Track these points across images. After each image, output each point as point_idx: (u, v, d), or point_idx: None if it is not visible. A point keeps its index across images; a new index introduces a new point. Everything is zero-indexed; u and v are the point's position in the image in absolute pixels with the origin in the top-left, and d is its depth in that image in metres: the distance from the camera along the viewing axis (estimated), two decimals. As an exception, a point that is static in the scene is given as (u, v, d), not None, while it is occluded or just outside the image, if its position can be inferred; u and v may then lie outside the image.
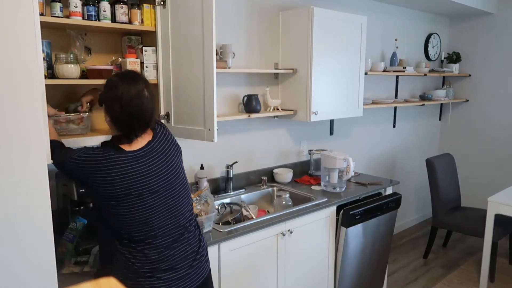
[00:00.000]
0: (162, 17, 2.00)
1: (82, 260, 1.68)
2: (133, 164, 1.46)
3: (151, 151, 1.52)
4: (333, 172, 2.73)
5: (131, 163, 1.46)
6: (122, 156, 1.45)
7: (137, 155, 1.48)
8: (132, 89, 1.47)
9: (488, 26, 4.28)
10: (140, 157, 1.48)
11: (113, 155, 1.44)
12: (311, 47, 2.68)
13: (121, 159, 1.45)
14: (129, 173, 1.44)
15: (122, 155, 1.45)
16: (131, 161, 1.46)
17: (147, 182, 1.47)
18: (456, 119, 4.64)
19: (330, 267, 2.61)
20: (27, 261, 1.29)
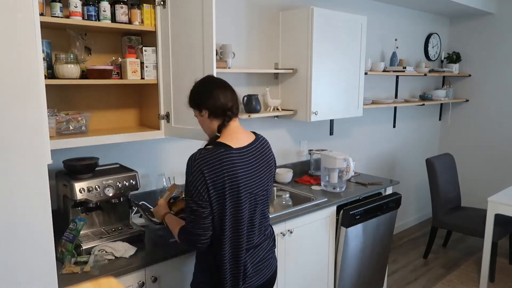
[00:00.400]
0: (162, 17, 2.00)
1: (82, 260, 1.68)
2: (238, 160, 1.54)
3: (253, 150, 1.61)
4: (333, 172, 2.72)
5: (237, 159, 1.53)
6: (232, 152, 1.52)
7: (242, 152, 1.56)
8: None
9: (488, 26, 4.28)
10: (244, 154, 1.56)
11: (223, 152, 1.51)
12: (311, 47, 2.68)
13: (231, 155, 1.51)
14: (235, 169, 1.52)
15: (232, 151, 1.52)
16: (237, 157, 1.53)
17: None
18: (456, 119, 4.64)
19: (330, 267, 2.61)
20: (27, 261, 1.29)
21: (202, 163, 1.47)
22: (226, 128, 1.58)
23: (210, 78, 1.69)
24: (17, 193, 1.25)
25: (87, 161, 1.92)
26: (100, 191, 1.84)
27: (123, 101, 2.20)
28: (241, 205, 1.53)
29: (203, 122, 1.63)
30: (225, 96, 1.57)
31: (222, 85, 1.62)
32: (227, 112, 1.57)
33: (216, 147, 1.52)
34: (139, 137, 2.02)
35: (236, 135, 1.60)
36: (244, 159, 1.56)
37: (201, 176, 1.47)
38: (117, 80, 1.98)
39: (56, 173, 1.94)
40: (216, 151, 1.50)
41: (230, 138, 1.57)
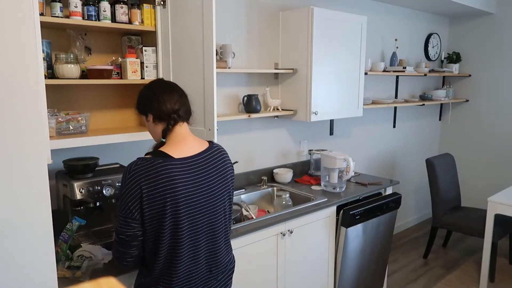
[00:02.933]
0: (162, 17, 2.00)
1: (75, 265, 1.66)
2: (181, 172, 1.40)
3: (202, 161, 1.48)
4: (333, 172, 2.72)
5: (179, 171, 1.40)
6: (171, 164, 1.39)
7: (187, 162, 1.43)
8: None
9: (488, 26, 4.28)
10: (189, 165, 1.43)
11: (161, 163, 1.38)
12: (311, 47, 2.68)
13: (170, 166, 1.38)
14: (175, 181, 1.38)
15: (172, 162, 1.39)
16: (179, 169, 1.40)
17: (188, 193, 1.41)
18: (456, 119, 4.64)
19: (330, 267, 2.61)
20: (27, 261, 1.29)
21: (137, 175, 1.34)
22: (172, 134, 1.47)
23: (156, 82, 1.60)
24: (17, 193, 1.25)
25: (87, 161, 1.92)
26: (100, 191, 1.84)
27: (123, 101, 2.20)
28: (180, 227, 1.38)
29: (149, 128, 1.53)
30: (170, 99, 1.47)
31: (169, 87, 1.53)
32: (171, 115, 1.46)
33: (154, 157, 1.38)
34: (139, 137, 2.02)
35: (182, 143, 1.47)
36: (187, 172, 1.40)
37: (134, 190, 1.34)
38: (117, 80, 1.98)
39: (56, 173, 1.94)
40: (153, 162, 1.36)
41: (174, 146, 1.44)
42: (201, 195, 1.43)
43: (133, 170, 1.36)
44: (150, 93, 1.51)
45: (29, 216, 1.28)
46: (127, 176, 1.37)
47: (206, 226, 1.47)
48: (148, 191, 1.34)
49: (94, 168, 1.92)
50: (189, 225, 1.41)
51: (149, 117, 1.50)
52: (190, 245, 1.44)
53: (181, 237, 1.40)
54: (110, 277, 0.65)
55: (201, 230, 1.46)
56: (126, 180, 1.37)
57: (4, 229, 1.24)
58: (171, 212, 1.37)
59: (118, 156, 2.24)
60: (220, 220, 1.51)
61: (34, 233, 1.29)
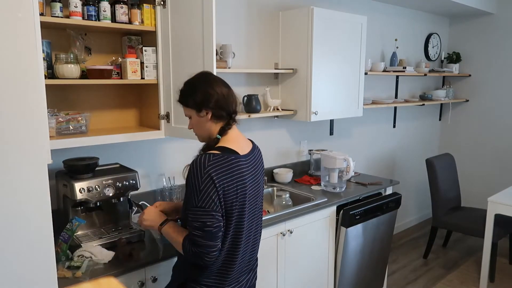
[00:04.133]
0: (162, 17, 2.00)
1: (76, 265, 1.66)
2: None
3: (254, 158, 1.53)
4: (333, 172, 2.72)
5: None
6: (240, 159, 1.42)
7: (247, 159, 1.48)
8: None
9: (488, 26, 4.28)
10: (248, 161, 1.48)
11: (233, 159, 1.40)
12: (311, 47, 2.68)
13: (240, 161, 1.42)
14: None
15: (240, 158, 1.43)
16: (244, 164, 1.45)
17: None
18: (456, 119, 4.64)
19: (330, 267, 2.61)
20: (27, 261, 1.29)
21: (212, 170, 1.34)
22: (227, 132, 1.46)
23: (211, 75, 1.53)
24: (17, 193, 1.25)
25: (87, 161, 1.92)
26: (100, 191, 1.84)
27: (123, 101, 2.20)
28: (243, 219, 1.44)
29: (201, 123, 1.47)
30: (230, 97, 1.45)
31: (226, 84, 1.48)
32: (232, 114, 1.46)
33: (225, 153, 1.39)
34: (139, 137, 2.02)
35: (239, 140, 1.48)
36: (250, 168, 1.46)
37: (212, 184, 1.33)
38: (117, 80, 1.98)
39: (56, 173, 1.94)
40: (226, 158, 1.38)
41: (234, 143, 1.45)
42: (257, 190, 1.52)
43: (209, 166, 1.34)
44: (208, 88, 1.43)
45: (29, 216, 1.28)
46: (203, 171, 1.34)
47: (258, 219, 1.56)
48: (223, 186, 1.36)
49: (94, 168, 1.92)
50: (248, 219, 1.48)
51: (203, 113, 1.44)
52: (246, 238, 1.50)
53: (242, 231, 1.46)
54: (110, 277, 0.65)
55: (255, 224, 1.54)
56: (203, 175, 1.33)
57: (4, 229, 1.24)
58: (239, 206, 1.42)
59: (118, 156, 2.24)
60: (261, 213, 1.61)
61: (34, 233, 1.29)
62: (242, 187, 1.40)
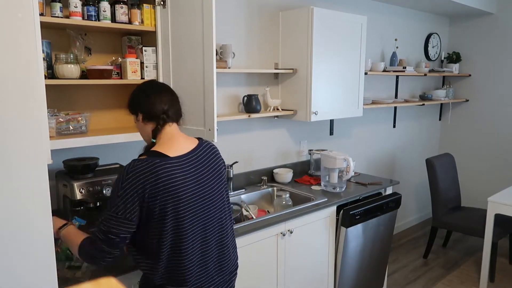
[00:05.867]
0: (162, 17, 2.00)
1: (76, 265, 1.65)
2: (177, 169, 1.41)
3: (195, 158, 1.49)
4: (333, 172, 2.72)
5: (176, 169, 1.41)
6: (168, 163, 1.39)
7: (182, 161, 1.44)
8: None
9: (488, 26, 4.28)
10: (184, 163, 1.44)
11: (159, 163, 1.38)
12: (311, 47, 2.68)
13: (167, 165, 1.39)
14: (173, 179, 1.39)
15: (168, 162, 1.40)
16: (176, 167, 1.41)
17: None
18: (456, 119, 4.64)
19: (330, 267, 2.61)
20: (27, 261, 1.29)
21: (135, 176, 1.34)
22: (162, 133, 1.48)
23: (148, 82, 1.63)
24: (17, 193, 1.25)
25: (87, 161, 1.92)
26: (100, 191, 1.84)
27: (123, 101, 2.17)
28: (182, 226, 1.39)
29: (139, 127, 1.54)
30: (160, 99, 1.49)
31: (159, 88, 1.55)
32: (161, 115, 1.47)
33: (150, 158, 1.38)
34: (139, 137, 2.01)
35: (173, 141, 1.48)
36: (184, 169, 1.42)
37: (133, 192, 1.33)
38: (117, 80, 1.98)
39: (56, 173, 1.94)
40: (150, 162, 1.36)
41: (166, 145, 1.45)
42: (201, 192, 1.45)
43: (131, 172, 1.35)
44: (141, 92, 1.53)
45: (29, 217, 1.28)
46: (125, 178, 1.35)
47: (213, 222, 1.49)
48: (148, 191, 1.34)
49: (94, 168, 1.92)
50: (191, 223, 1.42)
51: (139, 117, 1.52)
52: (196, 243, 1.44)
53: (185, 236, 1.40)
54: (110, 277, 0.65)
55: (208, 228, 1.47)
56: (123, 182, 1.35)
57: (4, 229, 1.24)
58: (172, 211, 1.37)
59: (118, 156, 2.24)
60: (224, 215, 1.54)
61: (34, 234, 1.29)
62: (173, 190, 1.36)
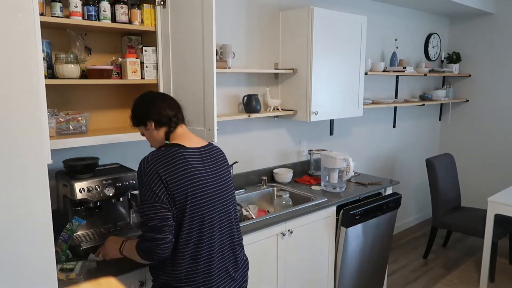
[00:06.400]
0: (162, 17, 2.00)
1: (68, 267, 1.64)
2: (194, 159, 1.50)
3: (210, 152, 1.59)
4: (333, 172, 2.72)
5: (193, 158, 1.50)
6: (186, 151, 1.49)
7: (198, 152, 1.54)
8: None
9: (488, 26, 4.28)
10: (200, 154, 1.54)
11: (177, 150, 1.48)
12: (311, 47, 2.68)
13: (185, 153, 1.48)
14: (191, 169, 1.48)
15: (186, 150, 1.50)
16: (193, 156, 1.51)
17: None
18: (456, 119, 4.64)
19: (330, 267, 2.61)
20: (27, 261, 1.29)
21: (156, 163, 1.43)
22: (175, 134, 1.57)
23: (147, 93, 1.67)
24: (17, 193, 1.25)
25: (87, 161, 1.92)
26: (100, 191, 1.84)
27: (123, 101, 2.20)
28: (200, 212, 1.46)
29: (150, 135, 1.60)
30: (167, 106, 1.57)
31: (161, 96, 1.64)
32: (172, 118, 1.56)
33: (168, 147, 1.49)
34: (139, 137, 2.01)
35: (187, 138, 1.57)
36: (200, 159, 1.52)
37: (156, 178, 1.41)
38: (117, 80, 1.98)
39: (56, 173, 1.94)
40: (169, 150, 1.47)
41: (181, 140, 1.55)
42: (216, 182, 1.53)
43: (151, 160, 1.44)
44: (146, 103, 1.59)
45: (29, 216, 1.28)
46: (146, 166, 1.44)
47: (224, 214, 1.55)
48: (167, 177, 1.41)
49: (94, 168, 1.92)
50: (208, 210, 1.48)
51: (149, 125, 1.57)
52: (211, 231, 1.49)
53: (204, 223, 1.47)
54: (110, 277, 0.65)
55: (221, 217, 1.54)
56: (145, 170, 1.43)
57: (4, 229, 1.24)
58: (191, 197, 1.44)
59: (118, 156, 2.24)
60: (233, 211, 1.61)
61: (34, 233, 1.29)
62: (190, 175, 1.45)
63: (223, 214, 1.55)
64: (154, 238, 1.40)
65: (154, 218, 1.40)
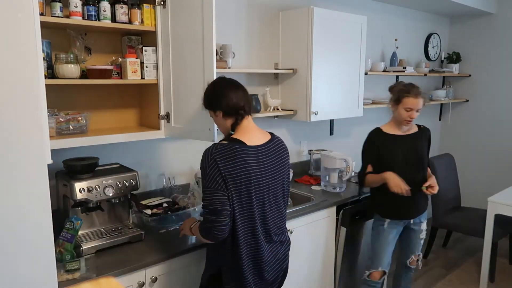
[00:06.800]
0: (162, 17, 2.00)
1: (73, 268, 1.64)
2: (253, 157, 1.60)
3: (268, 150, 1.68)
4: (333, 172, 2.72)
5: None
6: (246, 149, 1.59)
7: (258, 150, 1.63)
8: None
9: (488, 26, 4.28)
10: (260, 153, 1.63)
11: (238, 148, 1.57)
12: (311, 47, 2.68)
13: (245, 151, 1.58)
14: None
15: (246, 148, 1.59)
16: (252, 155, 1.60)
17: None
18: (456, 119, 4.64)
19: (330, 267, 2.61)
20: (27, 261, 1.29)
21: (217, 156, 1.54)
22: (240, 126, 1.65)
23: (221, 79, 1.75)
24: (17, 193, 1.25)
25: (87, 161, 1.92)
26: (100, 191, 1.84)
27: (123, 101, 2.20)
28: (251, 202, 1.59)
29: (218, 122, 1.71)
30: (236, 96, 1.64)
31: (234, 85, 1.70)
32: (239, 111, 1.63)
33: (231, 143, 1.58)
34: (139, 137, 2.02)
35: (251, 133, 1.66)
36: (257, 157, 1.61)
37: (216, 169, 1.53)
38: (117, 80, 1.98)
39: (56, 173, 1.94)
40: (231, 147, 1.56)
41: (244, 135, 1.63)
42: (267, 179, 1.64)
43: (214, 153, 1.55)
44: (218, 91, 1.68)
45: (29, 216, 1.28)
46: (209, 158, 1.55)
47: (271, 204, 1.67)
48: (226, 171, 1.53)
49: (94, 168, 1.92)
50: (257, 204, 1.61)
51: (217, 113, 1.66)
52: (261, 221, 1.64)
53: (253, 215, 1.60)
54: (110, 277, 0.65)
55: (268, 209, 1.66)
56: (208, 161, 1.54)
57: (4, 229, 1.24)
58: (245, 189, 1.56)
59: (118, 156, 2.24)
60: (281, 198, 1.74)
61: (34, 233, 1.29)
62: (246, 173, 1.55)
63: (273, 208, 1.68)
64: (213, 220, 1.53)
65: (215, 202, 1.52)
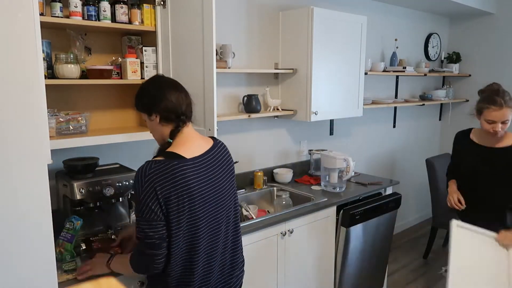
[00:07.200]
0: (162, 17, 2.00)
1: (70, 268, 1.64)
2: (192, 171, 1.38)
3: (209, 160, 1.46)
4: (333, 172, 2.72)
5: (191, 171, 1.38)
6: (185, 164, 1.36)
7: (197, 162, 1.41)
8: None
9: (488, 26, 4.28)
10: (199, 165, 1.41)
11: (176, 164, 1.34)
12: (311, 47, 2.68)
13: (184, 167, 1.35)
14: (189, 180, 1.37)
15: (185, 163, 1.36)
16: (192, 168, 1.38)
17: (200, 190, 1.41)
18: (456, 119, 4.64)
19: (330, 267, 2.61)
20: (27, 261, 1.29)
21: (154, 177, 1.31)
22: (179, 135, 1.43)
23: (160, 78, 1.56)
24: (17, 193, 1.25)
25: (87, 161, 1.92)
26: (100, 191, 1.84)
27: (123, 101, 2.20)
28: (197, 225, 1.38)
29: (153, 127, 1.46)
30: (178, 98, 1.41)
31: (175, 85, 1.45)
32: (180, 116, 1.41)
33: (167, 159, 1.34)
34: (139, 137, 2.02)
35: (190, 142, 1.43)
36: (199, 171, 1.39)
37: (153, 195, 1.30)
38: (117, 80, 1.98)
39: (56, 173, 1.94)
40: (168, 165, 1.32)
41: (183, 147, 1.40)
42: (213, 191, 1.43)
43: (149, 174, 1.31)
44: (156, 91, 1.43)
45: (29, 216, 1.28)
46: (144, 180, 1.32)
47: (222, 220, 1.47)
48: (165, 194, 1.31)
49: (94, 168, 1.92)
50: (206, 221, 1.41)
51: (153, 117, 1.43)
52: (208, 243, 1.43)
53: (199, 236, 1.40)
54: (110, 277, 0.65)
55: (219, 226, 1.46)
56: (143, 185, 1.32)
57: (4, 229, 1.24)
58: (188, 211, 1.36)
59: (118, 156, 2.24)
60: (230, 213, 1.53)
61: (34, 233, 1.29)
62: (188, 193, 1.34)
63: (221, 223, 1.47)
64: (152, 254, 1.34)
65: (152, 236, 1.33)
